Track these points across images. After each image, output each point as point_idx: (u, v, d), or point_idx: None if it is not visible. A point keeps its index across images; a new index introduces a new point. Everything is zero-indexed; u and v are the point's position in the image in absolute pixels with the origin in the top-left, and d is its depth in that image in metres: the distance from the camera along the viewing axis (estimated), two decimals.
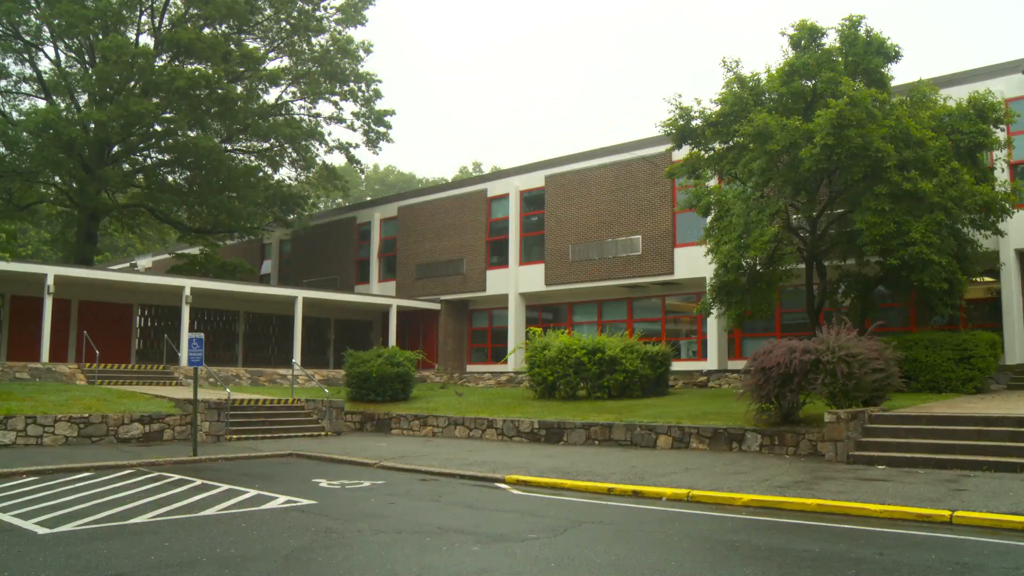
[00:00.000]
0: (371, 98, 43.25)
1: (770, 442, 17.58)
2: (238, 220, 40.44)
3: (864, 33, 22.71)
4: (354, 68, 42.59)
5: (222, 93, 36.24)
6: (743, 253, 21.83)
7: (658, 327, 33.97)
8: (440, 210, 40.55)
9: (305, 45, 41.94)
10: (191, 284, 32.24)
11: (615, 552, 9.11)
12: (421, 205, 41.78)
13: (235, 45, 39.59)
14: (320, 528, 10.57)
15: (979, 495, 11.55)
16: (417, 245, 41.12)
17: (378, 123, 43.78)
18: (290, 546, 9.44)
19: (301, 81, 42.21)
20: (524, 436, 22.15)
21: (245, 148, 43.34)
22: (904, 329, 26.30)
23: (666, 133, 25.57)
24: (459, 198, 40.11)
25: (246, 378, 33.00)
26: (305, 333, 36.07)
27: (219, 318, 36.89)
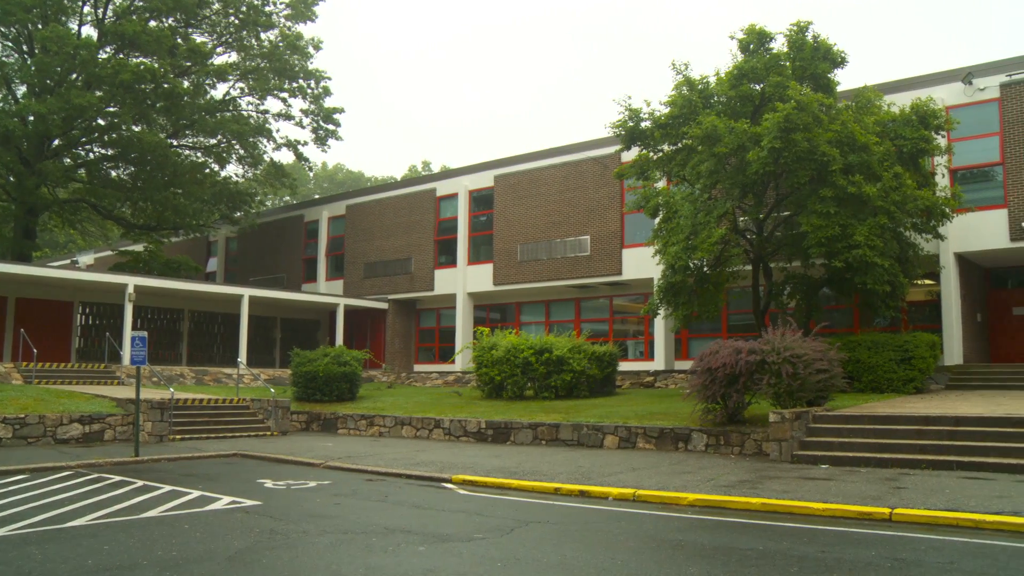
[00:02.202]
0: (320, 95, 42.88)
1: (716, 442, 17.72)
2: (184, 217, 39.83)
3: (811, 39, 22.97)
4: (303, 65, 42.17)
5: (168, 88, 35.65)
6: (691, 254, 21.97)
7: (606, 327, 34.11)
8: (389, 209, 40.35)
9: (254, 40, 41.39)
10: (134, 281, 31.69)
11: (562, 552, 9.10)
12: (370, 204, 41.54)
13: (182, 39, 38.94)
14: (265, 529, 10.43)
15: (917, 493, 11.74)
16: (365, 244, 40.88)
17: (327, 121, 43.42)
18: (234, 547, 9.31)
19: (249, 77, 41.66)
20: (471, 436, 22.10)
21: (191, 144, 42.72)
22: (848, 330, 26.70)
23: (616, 134, 25.69)
24: (408, 197, 39.94)
25: (191, 377, 32.54)
26: (251, 332, 35.68)
27: (163, 316, 36.32)
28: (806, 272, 24.22)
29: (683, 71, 24.19)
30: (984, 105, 25.59)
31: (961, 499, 11.14)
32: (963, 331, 25.25)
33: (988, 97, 25.51)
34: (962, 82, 25.86)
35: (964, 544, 9.21)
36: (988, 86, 25.51)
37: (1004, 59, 25.74)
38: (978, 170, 25.99)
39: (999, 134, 25.23)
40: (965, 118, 25.04)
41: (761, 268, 24.43)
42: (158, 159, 37.28)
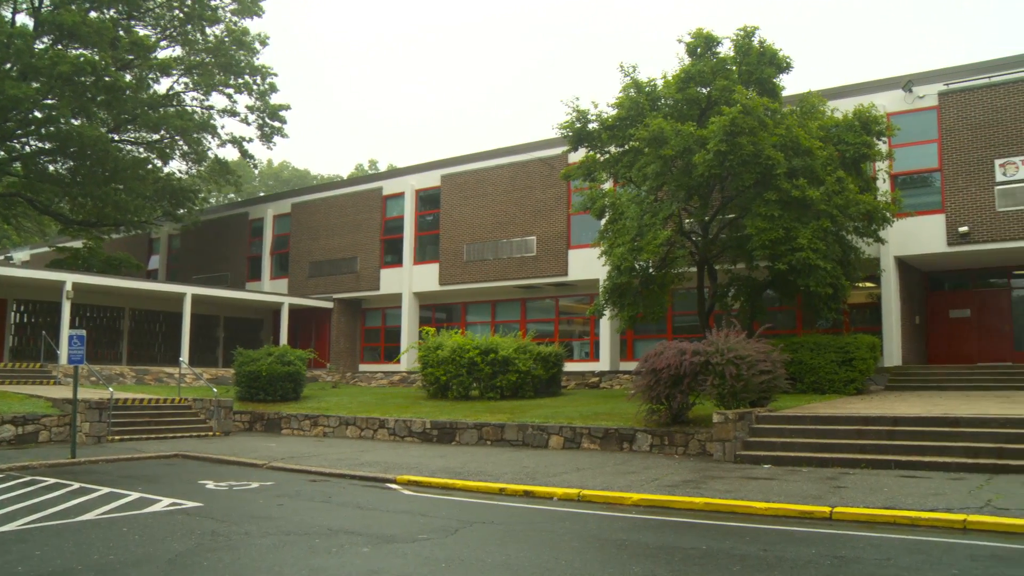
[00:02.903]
0: (266, 92, 42.29)
1: (660, 442, 17.81)
2: (124, 213, 39.00)
3: (758, 44, 23.19)
4: (249, 60, 41.56)
5: (109, 81, 34.83)
6: (636, 256, 22.06)
7: (551, 328, 34.16)
8: (335, 208, 40.03)
9: (199, 35, 40.64)
10: (73, 279, 31.01)
11: (506, 552, 9.09)
12: (315, 202, 41.17)
13: (124, 31, 38.06)
14: (206, 531, 10.27)
15: (857, 491, 11.92)
16: (311, 243, 40.51)
17: (273, 117, 42.83)
18: (174, 550, 9.14)
19: (194, 72, 40.92)
20: (416, 436, 21.98)
21: (133, 139, 41.85)
22: (791, 332, 27.02)
23: (563, 135, 25.72)
24: (354, 196, 39.66)
25: (131, 377, 31.95)
26: (194, 331, 35.09)
27: (103, 315, 35.60)
28: (750, 274, 24.46)
29: (631, 73, 24.30)
30: (923, 112, 26.08)
31: (899, 497, 11.32)
32: (902, 333, 25.71)
33: (927, 105, 26.00)
34: (903, 90, 26.33)
35: (901, 541, 9.38)
36: (927, 94, 26.01)
37: (943, 68, 26.27)
38: (917, 176, 26.48)
39: (937, 141, 25.73)
40: (905, 125, 25.49)
41: (706, 270, 24.62)
42: (98, 154, 36.45)
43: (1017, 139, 24.44)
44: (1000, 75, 25.09)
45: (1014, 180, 24.34)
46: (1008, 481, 12.34)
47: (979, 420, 15.01)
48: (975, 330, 27.63)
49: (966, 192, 24.99)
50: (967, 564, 8.27)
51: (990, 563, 8.31)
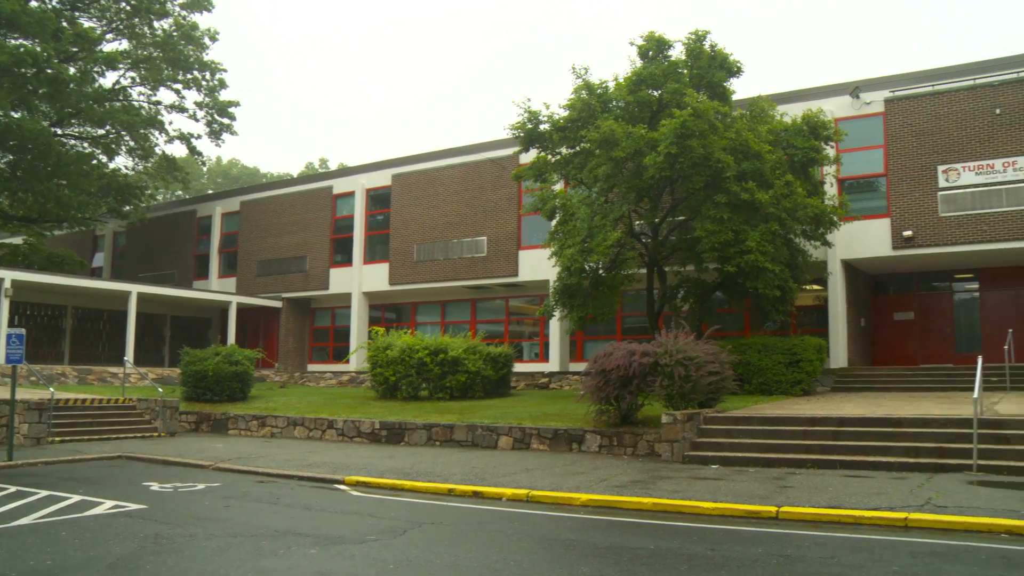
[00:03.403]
0: (215, 88, 41.72)
1: (609, 443, 17.85)
2: (68, 209, 38.14)
3: (709, 48, 23.37)
4: (198, 56, 40.95)
5: (52, 73, 34.04)
6: (586, 257, 22.09)
7: (501, 328, 34.16)
8: (284, 206, 39.66)
9: (147, 28, 39.89)
10: (12, 276, 30.30)
11: (455, 553, 9.05)
12: (265, 200, 40.76)
13: (68, 22, 37.18)
14: (150, 534, 10.07)
15: (803, 491, 12.05)
16: (259, 241, 40.10)
17: (222, 114, 42.26)
18: (115, 554, 8.95)
19: (141, 66, 40.18)
20: (365, 437, 21.83)
21: (78, 134, 41.02)
22: (739, 334, 27.27)
23: (514, 136, 25.73)
24: (304, 194, 39.33)
25: (73, 377, 31.35)
26: (139, 330, 34.49)
27: (44, 313, 34.88)
28: (699, 276, 24.63)
29: (583, 75, 24.38)
30: (870, 118, 26.49)
31: (843, 496, 11.47)
32: (848, 335, 26.08)
33: (874, 111, 26.41)
34: (850, 95, 26.72)
35: (844, 539, 9.51)
36: (874, 100, 26.42)
37: (889, 75, 26.70)
38: (864, 180, 26.89)
39: (883, 147, 26.14)
40: (852, 130, 25.88)
41: (656, 271, 24.75)
42: (40, 148, 35.61)
43: (959, 146, 24.93)
44: (943, 83, 25.58)
45: (956, 186, 24.81)
46: (947, 480, 12.57)
47: (921, 420, 15.28)
48: (918, 332, 28.15)
49: (910, 197, 25.42)
50: (907, 561, 8.43)
51: (929, 559, 8.48)
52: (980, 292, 27.76)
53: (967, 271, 27.74)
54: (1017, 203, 23.98)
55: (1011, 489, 11.71)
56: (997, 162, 24.41)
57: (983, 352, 22.73)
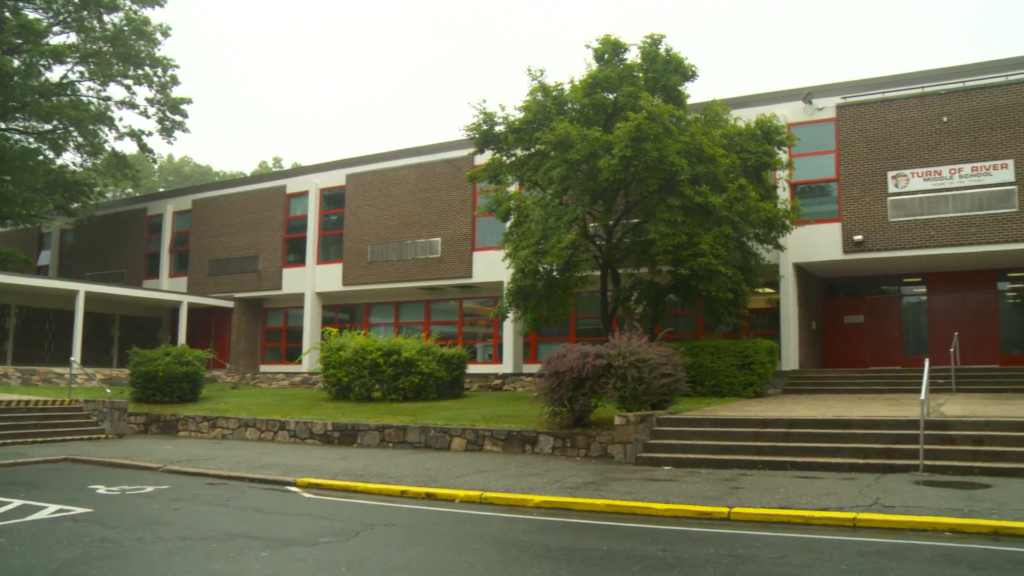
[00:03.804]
0: (167, 84, 41.10)
1: (562, 444, 17.86)
2: (12, 206, 37.31)
3: (664, 52, 23.49)
4: (150, 51, 40.26)
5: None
6: (540, 259, 22.09)
7: (455, 330, 34.10)
8: (237, 205, 39.26)
9: (96, 22, 39.06)
10: None
11: (407, 555, 9.00)
12: (217, 199, 40.31)
13: (11, 13, 36.34)
14: (95, 538, 9.84)
15: (754, 492, 12.14)
16: (211, 240, 39.63)
17: (174, 111, 41.64)
18: (59, 559, 8.71)
19: (90, 61, 39.37)
20: (317, 438, 21.65)
21: (23, 128, 40.12)
22: (692, 336, 27.46)
23: (470, 137, 25.68)
24: (257, 193, 38.95)
25: (16, 377, 30.73)
26: (87, 330, 33.90)
27: None
28: (653, 279, 24.76)
29: (538, 77, 24.37)
30: (822, 124, 26.83)
31: (793, 497, 11.57)
32: (799, 338, 26.37)
33: (826, 117, 26.75)
34: (803, 101, 27.04)
35: (795, 539, 9.59)
36: (826, 106, 26.77)
37: (841, 82, 27.08)
38: (816, 185, 27.23)
39: (835, 152, 26.48)
40: (805, 135, 26.20)
41: (609, 274, 24.84)
42: None
43: (908, 152, 25.33)
44: (893, 91, 25.99)
45: (905, 192, 25.20)
46: (895, 480, 12.74)
47: (869, 422, 15.49)
48: (868, 335, 28.58)
49: (861, 202, 25.78)
50: (856, 560, 8.53)
51: (876, 558, 8.60)
52: (927, 296, 28.25)
53: (915, 275, 28.23)
54: (962, 209, 24.43)
55: (955, 488, 11.91)
56: (944, 168, 24.84)
57: (930, 355, 23.12)
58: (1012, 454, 13.55)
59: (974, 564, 8.37)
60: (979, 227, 24.24)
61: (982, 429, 14.58)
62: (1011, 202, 23.99)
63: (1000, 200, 24.08)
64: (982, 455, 13.66)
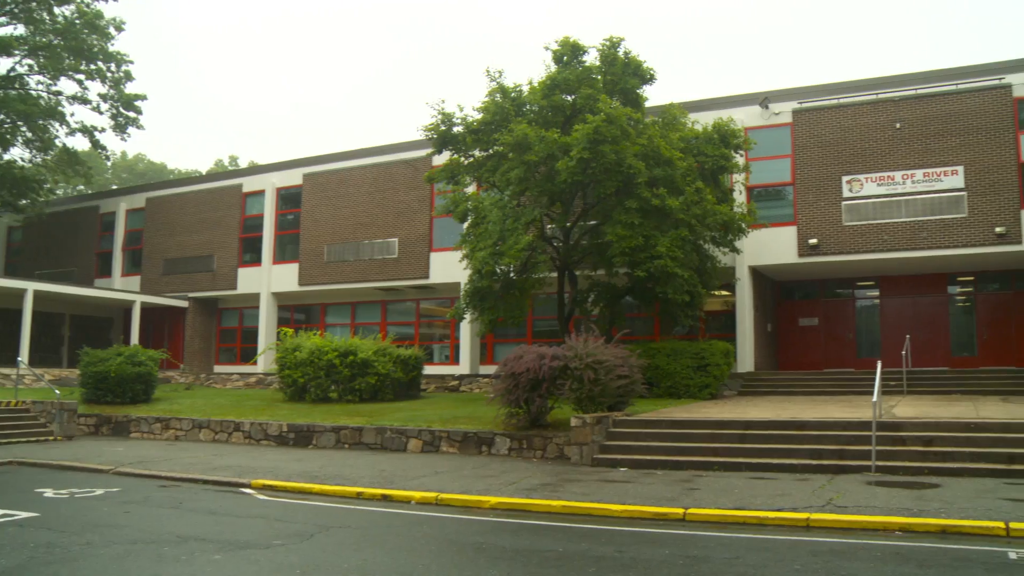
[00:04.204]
0: (121, 80, 40.36)
1: (519, 446, 17.85)
2: None
3: (623, 55, 23.58)
4: (103, 46, 39.48)
5: None
6: (498, 260, 22.04)
7: (412, 331, 33.98)
8: (192, 204, 38.78)
9: (46, 14, 38.13)
10: None
11: (363, 556, 8.94)
12: (172, 197, 39.79)
13: None
14: (42, 543, 9.60)
15: (709, 493, 12.21)
16: (166, 239, 39.11)
17: (128, 107, 40.93)
18: (1, 566, 8.47)
19: (40, 54, 38.48)
20: (272, 439, 21.45)
21: None
22: (649, 338, 27.57)
23: (428, 138, 25.56)
24: (213, 192, 38.52)
25: None
26: (36, 329, 33.22)
27: None
28: (610, 280, 24.81)
29: (497, 78, 24.35)
30: (778, 128, 27.09)
31: (748, 498, 11.66)
32: (755, 340, 26.60)
33: (782, 121, 27.02)
34: (760, 105, 27.29)
35: (749, 540, 9.66)
36: (782, 111, 27.03)
37: (797, 87, 27.37)
38: (772, 189, 27.48)
39: (791, 156, 26.76)
40: (762, 139, 26.45)
41: (567, 275, 24.87)
42: None
43: (862, 158, 25.67)
44: (848, 97, 26.32)
45: (859, 196, 25.52)
46: (847, 481, 12.88)
47: (823, 424, 15.67)
48: (822, 338, 28.92)
49: (816, 206, 26.07)
50: (809, 560, 8.61)
51: (829, 558, 8.69)
52: (880, 299, 28.66)
53: (868, 279, 28.64)
54: (914, 214, 24.81)
55: (906, 488, 12.08)
56: (897, 174, 25.20)
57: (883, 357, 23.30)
58: (960, 454, 13.79)
59: (922, 562, 8.50)
60: (930, 232, 24.64)
61: (932, 430, 14.80)
62: (961, 208, 24.41)
63: (950, 205, 24.49)
64: (932, 455, 13.88)
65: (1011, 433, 14.39)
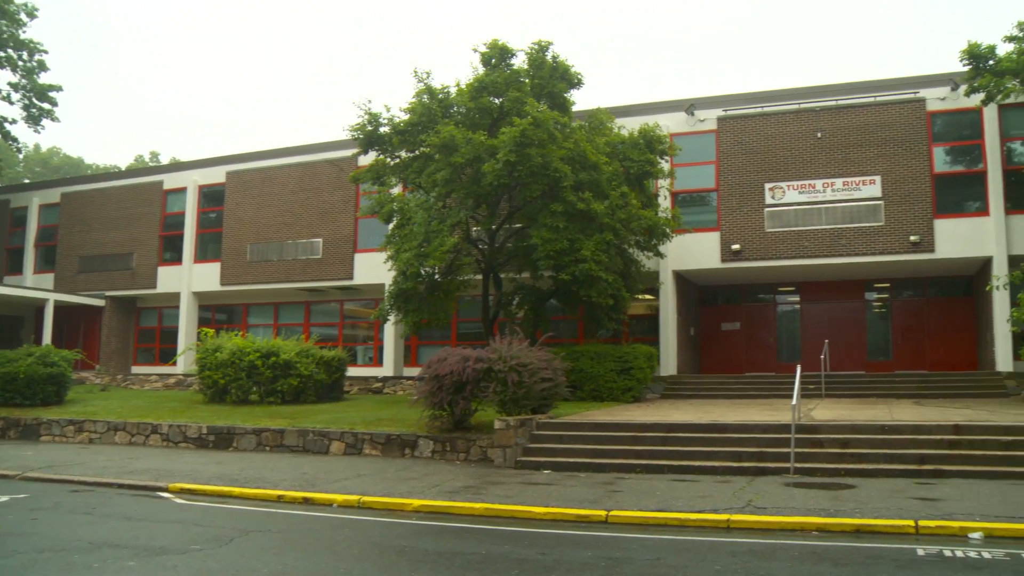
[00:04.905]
0: (34, 69, 39.08)
1: (442, 448, 17.76)
2: None
3: (551, 59, 23.65)
4: (13, 33, 38.07)
5: None
6: (423, 262, 21.91)
7: (336, 332, 33.69)
8: (111, 200, 37.84)
9: None
10: None
11: (283, 560, 8.81)
12: (89, 193, 38.77)
13: None
14: None
15: (632, 495, 12.29)
16: (82, 236, 38.11)
17: (41, 98, 39.64)
18: None
19: None
20: (192, 442, 21.01)
21: None
22: (573, 341, 27.73)
23: (354, 137, 25.30)
24: (133, 188, 37.64)
25: None
26: None
27: None
28: (535, 284, 24.89)
29: (425, 79, 24.21)
30: (703, 135, 27.49)
31: (670, 500, 11.76)
32: (678, 344, 26.91)
33: (707, 128, 27.42)
34: (685, 112, 27.65)
35: (671, 541, 9.75)
36: (708, 118, 27.44)
37: (722, 95, 27.81)
38: (696, 195, 27.86)
39: (715, 163, 27.17)
40: (687, 145, 26.79)
41: (492, 278, 24.86)
42: None
43: (785, 165, 26.18)
44: (772, 106, 26.84)
45: (781, 203, 26.02)
46: (767, 482, 13.08)
47: (744, 426, 15.91)
48: (744, 342, 29.41)
49: (739, 212, 26.49)
50: (728, 560, 8.73)
51: (748, 558, 8.83)
52: (801, 305, 29.27)
53: (789, 284, 29.21)
54: (834, 221, 25.38)
55: (823, 489, 12.32)
56: (818, 182, 25.75)
57: (803, 361, 23.90)
58: (874, 455, 14.13)
59: (837, 561, 8.69)
60: (849, 239, 25.23)
61: (848, 432, 15.13)
62: (878, 216, 25.05)
63: (868, 214, 25.11)
64: (848, 457, 14.18)
65: (922, 435, 14.79)
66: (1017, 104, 24.33)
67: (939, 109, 25.49)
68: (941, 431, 14.83)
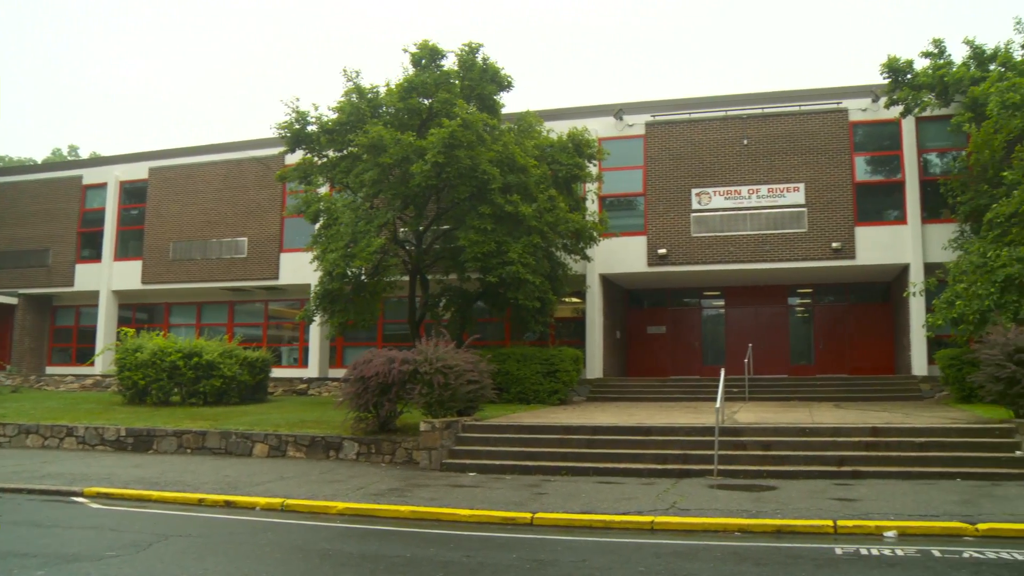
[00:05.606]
0: None
1: (367, 450, 17.63)
2: None
3: (481, 60, 23.63)
4: None
5: None
6: (349, 262, 21.73)
7: (260, 332, 33.19)
8: (25, 194, 36.73)
9: None
10: None
11: (204, 566, 8.66)
12: (2, 186, 37.59)
13: None
14: None
15: (557, 497, 12.33)
16: None
17: None
18: None
19: None
20: (109, 444, 20.50)
21: None
22: (500, 343, 27.74)
23: (281, 136, 24.95)
24: (50, 183, 36.60)
25: None
26: None
27: None
28: (462, 285, 24.85)
29: (354, 78, 24.00)
30: (632, 140, 27.74)
31: (595, 502, 11.82)
32: (604, 347, 27.08)
33: (635, 133, 27.67)
34: (614, 117, 27.86)
35: (596, 543, 9.81)
36: (636, 123, 27.69)
37: (651, 100, 28.10)
38: (624, 199, 28.10)
39: (643, 168, 27.43)
40: (615, 150, 26.94)
41: (419, 279, 24.74)
42: None
43: (711, 172, 26.56)
44: (699, 112, 27.20)
45: (707, 209, 26.37)
46: (690, 484, 13.25)
47: (668, 429, 16.09)
48: (669, 345, 29.76)
49: (666, 217, 26.78)
50: (652, 561, 8.83)
51: (671, 559, 8.94)
52: (725, 309, 29.72)
53: (715, 289, 29.64)
54: (759, 228, 25.83)
55: (745, 491, 12.53)
56: (743, 188, 26.17)
57: (727, 365, 24.15)
58: (795, 458, 14.41)
59: (759, 560, 8.85)
60: (773, 245, 25.69)
61: (770, 435, 15.41)
62: (802, 223, 25.56)
63: (792, 220, 25.61)
64: (770, 459, 14.43)
65: (842, 437, 15.15)
66: (933, 117, 25.06)
67: (861, 120, 26.13)
68: (860, 433, 15.20)
